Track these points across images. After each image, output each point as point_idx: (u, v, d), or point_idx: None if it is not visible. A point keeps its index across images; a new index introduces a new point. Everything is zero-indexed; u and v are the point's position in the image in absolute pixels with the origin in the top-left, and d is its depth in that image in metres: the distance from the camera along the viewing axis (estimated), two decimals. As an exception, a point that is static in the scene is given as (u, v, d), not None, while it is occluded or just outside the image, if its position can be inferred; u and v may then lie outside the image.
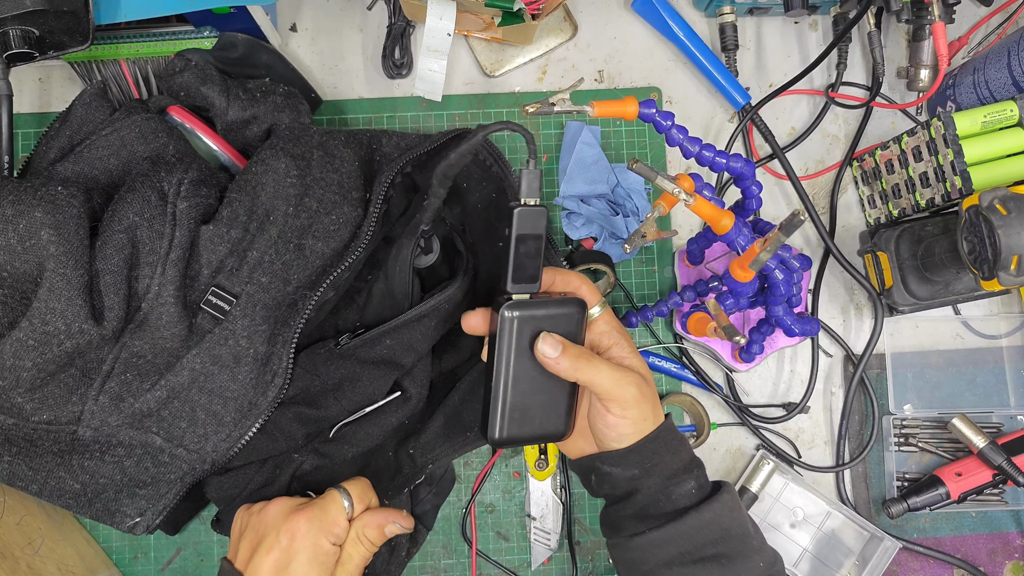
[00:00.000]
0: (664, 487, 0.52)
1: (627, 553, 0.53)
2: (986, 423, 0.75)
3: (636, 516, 0.53)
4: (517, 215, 0.49)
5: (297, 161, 0.59)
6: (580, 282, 0.54)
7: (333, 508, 0.55)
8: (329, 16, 0.77)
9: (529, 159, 0.49)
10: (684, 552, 0.51)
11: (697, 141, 0.55)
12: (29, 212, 0.52)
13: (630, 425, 0.51)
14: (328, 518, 0.54)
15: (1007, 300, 0.77)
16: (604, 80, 0.78)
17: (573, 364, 0.50)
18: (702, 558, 0.51)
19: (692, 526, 0.51)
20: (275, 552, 0.52)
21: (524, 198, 0.50)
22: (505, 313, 0.50)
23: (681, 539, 0.51)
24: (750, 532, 0.53)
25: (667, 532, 0.51)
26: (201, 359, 0.56)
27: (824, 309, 0.76)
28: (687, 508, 0.51)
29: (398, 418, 0.63)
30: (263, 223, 0.58)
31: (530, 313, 0.51)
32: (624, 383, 0.51)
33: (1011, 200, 0.57)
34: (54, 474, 0.57)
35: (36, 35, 0.60)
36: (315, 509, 0.54)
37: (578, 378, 0.51)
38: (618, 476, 0.52)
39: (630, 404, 0.51)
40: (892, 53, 0.79)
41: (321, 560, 0.53)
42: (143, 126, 0.61)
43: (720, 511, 0.51)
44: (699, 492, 0.53)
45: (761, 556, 0.53)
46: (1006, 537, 0.75)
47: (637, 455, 0.52)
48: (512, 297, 0.51)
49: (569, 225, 0.73)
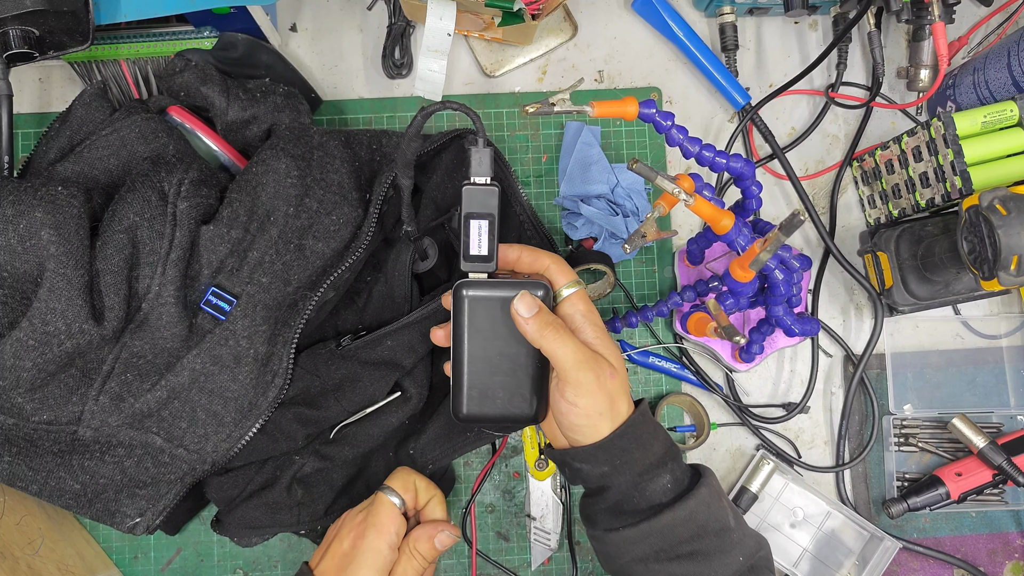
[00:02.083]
0: (636, 483, 0.51)
1: (603, 546, 0.52)
2: (986, 423, 0.75)
3: (610, 511, 0.52)
4: (464, 193, 0.49)
5: (297, 161, 0.59)
6: (550, 261, 0.53)
7: (383, 511, 0.57)
8: (329, 16, 0.77)
9: (478, 137, 0.49)
10: (659, 550, 0.50)
11: (697, 141, 0.55)
12: (29, 212, 0.52)
13: (580, 415, 0.50)
14: (380, 521, 0.57)
15: (1007, 300, 0.77)
16: (604, 80, 0.78)
17: (540, 330, 0.49)
18: (678, 556, 0.50)
19: (667, 524, 0.50)
20: (338, 556, 0.57)
21: (473, 177, 0.50)
22: (458, 292, 0.50)
23: (655, 537, 0.50)
24: (729, 526, 0.52)
25: (641, 530, 0.50)
26: (201, 359, 0.56)
27: (824, 309, 0.76)
28: (662, 505, 0.50)
29: (398, 418, 0.63)
30: (263, 223, 0.58)
31: (484, 293, 0.50)
32: (584, 367, 0.49)
33: (1011, 200, 0.57)
34: (54, 474, 0.57)
35: (36, 35, 0.60)
36: (370, 515, 0.57)
37: (542, 345, 0.49)
38: (588, 472, 0.51)
39: (583, 391, 0.49)
40: (892, 53, 0.79)
41: (380, 566, 0.56)
42: (143, 126, 0.61)
43: (696, 508, 0.50)
44: (675, 487, 0.51)
45: (740, 549, 0.51)
46: (1006, 537, 0.75)
47: (605, 452, 0.50)
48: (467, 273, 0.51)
49: (569, 225, 0.73)
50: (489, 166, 0.50)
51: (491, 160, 0.50)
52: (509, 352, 0.51)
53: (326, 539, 0.60)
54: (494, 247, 0.51)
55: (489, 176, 0.50)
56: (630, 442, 0.50)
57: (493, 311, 0.51)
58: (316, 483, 0.63)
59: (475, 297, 0.51)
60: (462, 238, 0.50)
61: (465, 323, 0.51)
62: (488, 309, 0.51)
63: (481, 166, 0.50)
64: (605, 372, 0.50)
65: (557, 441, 0.55)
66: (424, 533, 0.58)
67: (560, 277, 0.52)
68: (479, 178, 0.50)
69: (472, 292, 0.51)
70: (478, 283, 0.51)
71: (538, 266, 0.53)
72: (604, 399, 0.50)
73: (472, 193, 0.50)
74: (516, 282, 0.51)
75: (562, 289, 0.52)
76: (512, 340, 0.51)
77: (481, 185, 0.50)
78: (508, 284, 0.51)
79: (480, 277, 0.51)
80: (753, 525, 0.73)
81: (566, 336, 0.49)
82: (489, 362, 0.52)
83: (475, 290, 0.51)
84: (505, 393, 0.52)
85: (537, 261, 0.53)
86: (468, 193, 0.50)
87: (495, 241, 0.50)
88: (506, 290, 0.51)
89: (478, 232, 0.50)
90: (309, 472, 0.63)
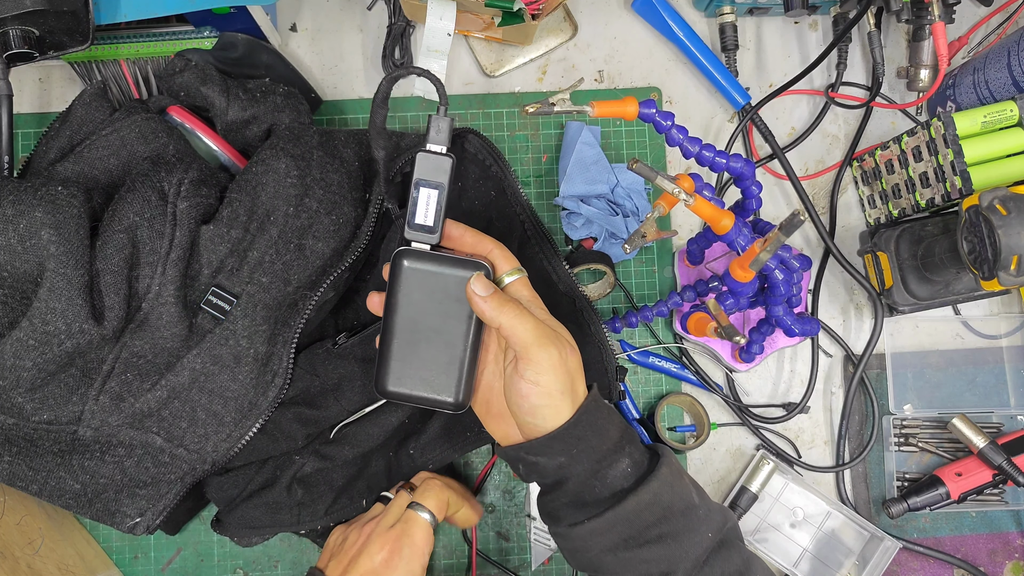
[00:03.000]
0: (596, 471, 0.49)
1: (569, 542, 0.51)
2: (986, 423, 0.75)
3: (572, 504, 0.50)
4: (418, 159, 0.48)
5: (297, 161, 0.59)
6: (494, 245, 0.51)
7: (419, 532, 0.58)
8: (329, 16, 0.77)
9: (440, 106, 0.48)
10: (628, 537, 0.49)
11: (697, 141, 0.55)
12: (29, 212, 0.52)
13: (542, 395, 0.48)
14: (416, 543, 0.57)
15: (1007, 300, 0.77)
16: (604, 80, 0.78)
17: (499, 307, 0.47)
18: (647, 540, 0.49)
19: (631, 510, 0.48)
20: (367, 571, 0.56)
21: (429, 144, 0.48)
22: (396, 260, 0.48)
23: (622, 525, 0.49)
24: (694, 503, 0.51)
25: (606, 520, 0.48)
26: (201, 359, 0.56)
27: (824, 309, 0.76)
28: (624, 491, 0.49)
29: (398, 418, 0.63)
30: (263, 223, 0.58)
31: (424, 266, 0.48)
32: (546, 342, 0.47)
33: (1011, 200, 0.57)
34: (54, 474, 0.57)
35: (36, 35, 0.60)
36: (405, 535, 0.58)
37: (501, 323, 0.47)
38: (545, 465, 0.49)
39: (544, 368, 0.47)
40: (892, 53, 0.79)
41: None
42: (143, 126, 0.61)
43: (660, 489, 0.49)
44: (635, 470, 0.50)
45: (708, 525, 0.50)
46: (1006, 537, 0.75)
47: (561, 442, 0.48)
48: (411, 245, 0.49)
49: (569, 225, 0.73)
50: (447, 136, 0.48)
51: (449, 130, 0.48)
52: (441, 330, 0.49)
53: (335, 544, 0.59)
54: (440, 219, 0.48)
55: (446, 147, 0.48)
56: (586, 429, 0.49)
57: (431, 285, 0.48)
58: (316, 483, 0.63)
59: (414, 269, 0.48)
60: (409, 205, 0.48)
61: (399, 294, 0.49)
62: (426, 283, 0.48)
63: (439, 134, 0.48)
64: (566, 348, 0.49)
65: (508, 438, 0.53)
66: None
67: (503, 263, 0.50)
68: (435, 146, 0.48)
69: (411, 263, 0.48)
70: (419, 254, 0.48)
71: (481, 248, 0.51)
72: (566, 377, 0.48)
73: (426, 160, 0.48)
74: (459, 259, 0.49)
75: (504, 276, 0.50)
76: (447, 318, 0.49)
77: (436, 153, 0.48)
78: (450, 260, 0.49)
79: (423, 248, 0.49)
80: (753, 525, 0.73)
81: (525, 313, 0.48)
82: (419, 338, 0.49)
83: (415, 261, 0.48)
84: (431, 373, 0.50)
85: (480, 244, 0.51)
86: (422, 159, 0.48)
87: (442, 213, 0.48)
88: (448, 266, 0.48)
89: (426, 201, 0.48)
90: (309, 472, 0.63)
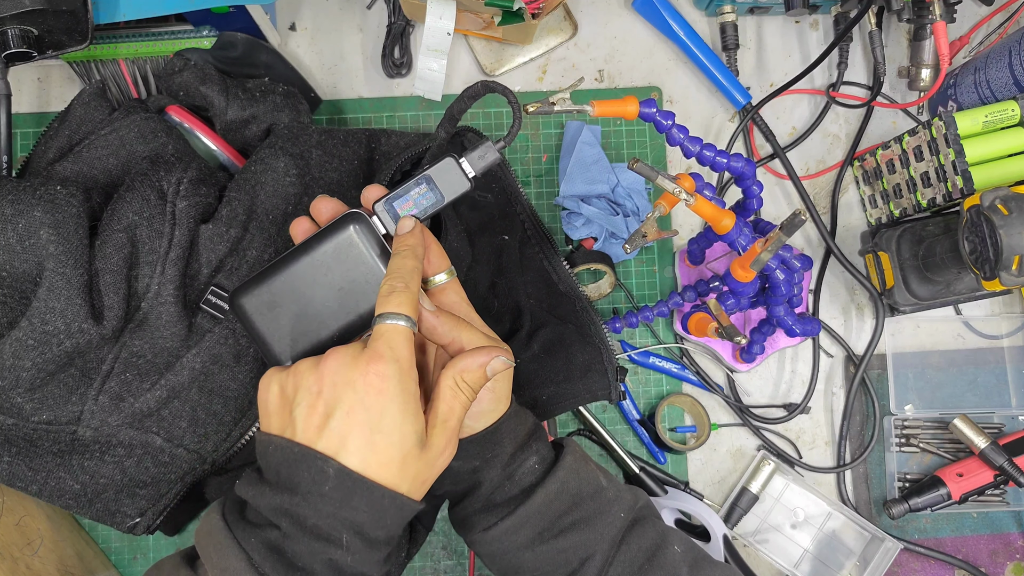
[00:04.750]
0: (507, 472, 0.49)
1: (486, 547, 0.50)
2: (987, 423, 0.74)
3: (484, 509, 0.50)
4: (445, 160, 0.46)
5: (296, 160, 0.59)
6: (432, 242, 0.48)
7: (398, 340, 0.43)
8: (329, 16, 0.77)
9: (502, 139, 0.47)
10: (542, 531, 0.49)
11: (698, 141, 0.55)
12: (28, 212, 0.52)
13: (492, 400, 0.47)
14: (403, 358, 0.42)
15: (1008, 300, 0.77)
16: (604, 80, 0.78)
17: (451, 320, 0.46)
18: (561, 531, 0.49)
19: (542, 503, 0.48)
20: (359, 412, 0.41)
21: (465, 156, 0.47)
22: (345, 218, 0.46)
23: (534, 519, 0.48)
24: (602, 486, 0.51)
25: (518, 518, 0.48)
26: (201, 358, 0.56)
27: (825, 309, 0.76)
28: (533, 486, 0.49)
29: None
30: (263, 222, 0.58)
31: (363, 243, 0.46)
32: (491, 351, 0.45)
33: (1013, 200, 0.57)
34: (54, 474, 0.57)
35: (35, 34, 0.60)
36: (387, 351, 0.42)
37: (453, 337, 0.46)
38: (457, 470, 0.48)
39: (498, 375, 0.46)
40: (893, 52, 0.79)
41: (412, 409, 0.42)
42: (142, 126, 0.61)
43: (566, 477, 0.49)
44: (542, 464, 0.50)
45: (619, 505, 0.50)
46: (1007, 538, 0.74)
47: (478, 445, 0.48)
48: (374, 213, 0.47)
49: (569, 225, 0.73)
50: (484, 167, 0.47)
51: (490, 165, 0.47)
52: (326, 303, 0.46)
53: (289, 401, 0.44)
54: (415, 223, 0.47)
55: (474, 174, 0.47)
56: (504, 435, 0.48)
57: (354, 263, 0.46)
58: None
59: (354, 240, 0.46)
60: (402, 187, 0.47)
61: (325, 246, 0.46)
62: (352, 257, 0.46)
63: (479, 161, 0.47)
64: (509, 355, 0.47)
65: None
66: (473, 363, 0.45)
67: (437, 263, 0.48)
68: (468, 165, 0.47)
69: (358, 235, 0.46)
70: (371, 232, 0.46)
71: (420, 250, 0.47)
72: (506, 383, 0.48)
73: (450, 169, 0.47)
74: None
75: (438, 276, 0.48)
76: (341, 300, 0.46)
77: (463, 171, 0.47)
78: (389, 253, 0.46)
79: (379, 229, 0.47)
80: (754, 526, 0.73)
81: (465, 324, 0.47)
82: (304, 292, 0.46)
83: (362, 236, 0.46)
84: (286, 324, 0.47)
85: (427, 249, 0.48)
86: (448, 164, 0.46)
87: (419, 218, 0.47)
88: (383, 263, 0.46)
89: (420, 199, 0.47)
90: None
